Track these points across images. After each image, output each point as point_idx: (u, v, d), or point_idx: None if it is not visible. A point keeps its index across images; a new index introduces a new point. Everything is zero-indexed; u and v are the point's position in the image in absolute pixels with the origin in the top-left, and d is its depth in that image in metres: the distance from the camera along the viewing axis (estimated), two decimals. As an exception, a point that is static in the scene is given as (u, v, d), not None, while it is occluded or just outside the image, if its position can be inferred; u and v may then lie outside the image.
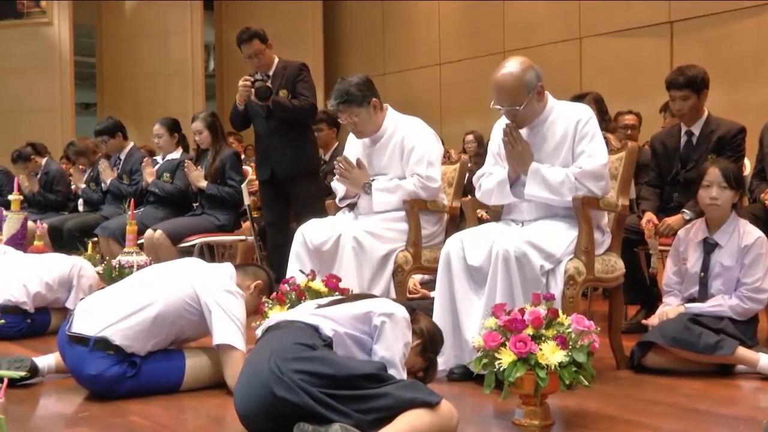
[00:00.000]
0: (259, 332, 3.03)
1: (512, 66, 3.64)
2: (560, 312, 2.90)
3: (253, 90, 5.46)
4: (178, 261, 3.88)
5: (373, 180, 4.34)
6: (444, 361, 3.58)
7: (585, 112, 3.72)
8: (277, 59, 5.80)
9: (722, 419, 3.11)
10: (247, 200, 6.21)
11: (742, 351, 3.63)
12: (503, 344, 2.80)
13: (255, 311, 3.62)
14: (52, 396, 3.50)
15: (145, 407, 3.24)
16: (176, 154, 6.70)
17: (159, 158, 6.85)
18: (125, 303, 3.41)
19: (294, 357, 2.60)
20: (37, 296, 4.75)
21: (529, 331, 2.81)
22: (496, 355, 2.80)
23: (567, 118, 3.70)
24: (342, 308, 2.94)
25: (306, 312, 2.95)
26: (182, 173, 6.37)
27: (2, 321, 4.25)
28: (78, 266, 4.94)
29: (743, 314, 3.75)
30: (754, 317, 3.83)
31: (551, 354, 2.75)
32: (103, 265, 5.21)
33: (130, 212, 5.56)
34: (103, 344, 3.32)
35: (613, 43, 9.41)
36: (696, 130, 4.64)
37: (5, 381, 3.32)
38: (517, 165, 3.68)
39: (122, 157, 7.04)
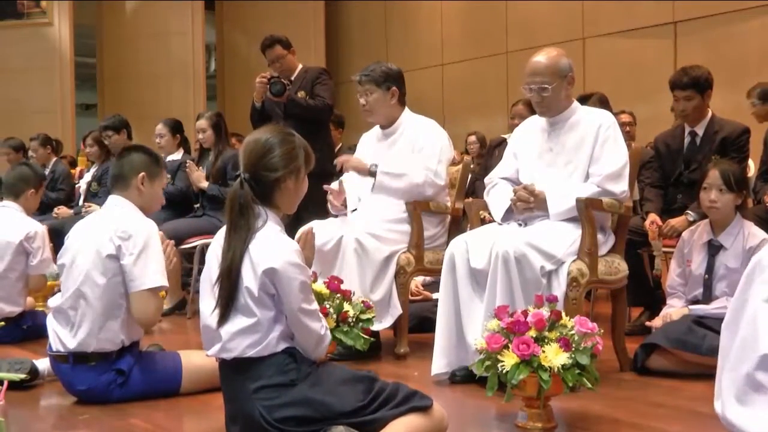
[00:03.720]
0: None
1: (547, 51, 3.77)
2: (563, 314, 2.88)
3: (268, 86, 5.56)
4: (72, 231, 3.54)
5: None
6: (447, 364, 3.58)
7: (607, 118, 3.76)
8: (300, 65, 5.95)
9: (727, 422, 3.08)
10: (248, 201, 6.18)
11: (747, 353, 3.60)
12: (506, 346, 2.78)
13: (156, 201, 3.52)
14: (52, 399, 3.48)
15: (146, 410, 3.23)
16: (177, 155, 6.68)
17: None
18: (72, 305, 3.32)
19: (279, 404, 2.54)
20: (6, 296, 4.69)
21: (532, 333, 2.79)
22: (499, 357, 2.78)
23: (589, 122, 3.73)
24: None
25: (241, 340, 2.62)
26: (183, 174, 6.35)
27: (2, 323, 4.24)
28: (24, 234, 4.77)
29: (747, 316, 3.72)
30: (758, 319, 3.81)
31: (554, 356, 2.73)
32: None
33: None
34: (81, 357, 3.29)
35: (616, 43, 9.39)
36: (700, 130, 4.61)
37: (5, 383, 3.31)
38: (539, 210, 3.68)
39: (124, 157, 7.01)
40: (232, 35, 13.80)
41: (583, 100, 5.10)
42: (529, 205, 3.64)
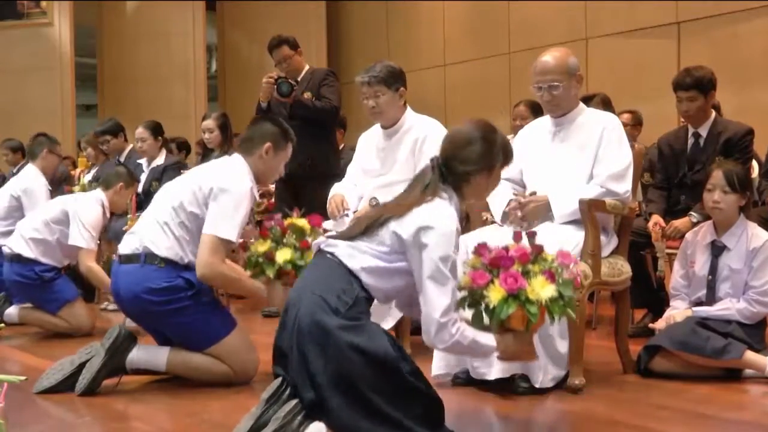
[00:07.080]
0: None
1: (555, 50, 3.80)
2: (544, 250, 2.83)
3: (275, 86, 5.56)
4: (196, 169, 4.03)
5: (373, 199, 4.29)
6: (446, 365, 3.58)
7: (612, 120, 3.77)
8: (307, 66, 5.96)
9: (730, 424, 3.09)
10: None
11: (750, 355, 3.59)
12: (491, 281, 2.72)
13: (274, 172, 3.78)
14: (53, 401, 3.47)
15: (147, 412, 3.22)
16: (160, 159, 6.63)
17: (144, 164, 6.76)
18: (157, 216, 3.58)
19: (310, 314, 2.54)
20: (37, 241, 4.93)
21: (517, 267, 2.74)
22: (484, 293, 2.72)
23: (594, 124, 3.74)
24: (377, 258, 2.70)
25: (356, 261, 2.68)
26: (169, 179, 6.29)
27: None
28: (71, 200, 5.12)
29: (751, 318, 3.71)
30: (762, 321, 3.79)
31: (541, 288, 2.70)
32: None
33: (131, 215, 5.53)
34: (152, 258, 3.49)
35: (619, 43, 9.37)
36: (703, 131, 4.60)
37: (5, 385, 3.29)
38: (542, 214, 3.66)
39: (122, 159, 6.99)
40: (234, 36, 13.78)
41: (586, 100, 5.08)
42: (520, 222, 3.63)
